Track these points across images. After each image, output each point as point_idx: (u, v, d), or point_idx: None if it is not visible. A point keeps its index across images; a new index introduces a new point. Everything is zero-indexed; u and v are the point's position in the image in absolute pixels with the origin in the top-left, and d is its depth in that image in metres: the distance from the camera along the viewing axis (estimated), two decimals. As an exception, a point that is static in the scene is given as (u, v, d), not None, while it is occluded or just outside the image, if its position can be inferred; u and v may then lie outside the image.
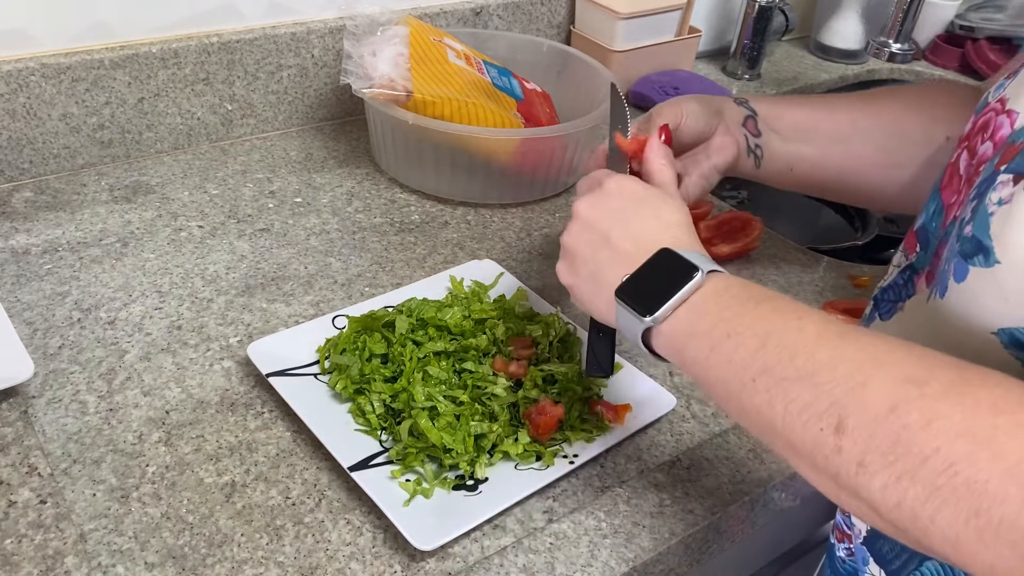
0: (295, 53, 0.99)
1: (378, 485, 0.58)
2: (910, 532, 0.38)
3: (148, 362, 0.68)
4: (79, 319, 0.72)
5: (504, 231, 0.90)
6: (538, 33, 1.19)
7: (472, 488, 0.59)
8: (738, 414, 0.47)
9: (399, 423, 0.61)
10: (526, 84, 1.01)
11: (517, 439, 0.62)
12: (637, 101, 1.20)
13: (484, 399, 0.63)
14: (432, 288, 0.76)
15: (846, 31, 1.44)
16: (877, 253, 1.12)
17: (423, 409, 0.61)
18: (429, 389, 0.62)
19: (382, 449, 0.61)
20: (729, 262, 0.88)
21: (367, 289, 0.79)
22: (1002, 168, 0.45)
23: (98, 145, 0.91)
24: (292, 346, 0.68)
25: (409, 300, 0.72)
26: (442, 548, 0.56)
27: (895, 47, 1.45)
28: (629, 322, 0.53)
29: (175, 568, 0.53)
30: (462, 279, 0.78)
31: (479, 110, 0.89)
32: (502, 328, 0.69)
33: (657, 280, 0.52)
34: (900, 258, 0.60)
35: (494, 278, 0.78)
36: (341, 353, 0.66)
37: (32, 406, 0.63)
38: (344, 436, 0.62)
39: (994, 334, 0.44)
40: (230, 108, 0.98)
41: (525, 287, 0.77)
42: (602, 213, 0.58)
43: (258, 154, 0.98)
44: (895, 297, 0.59)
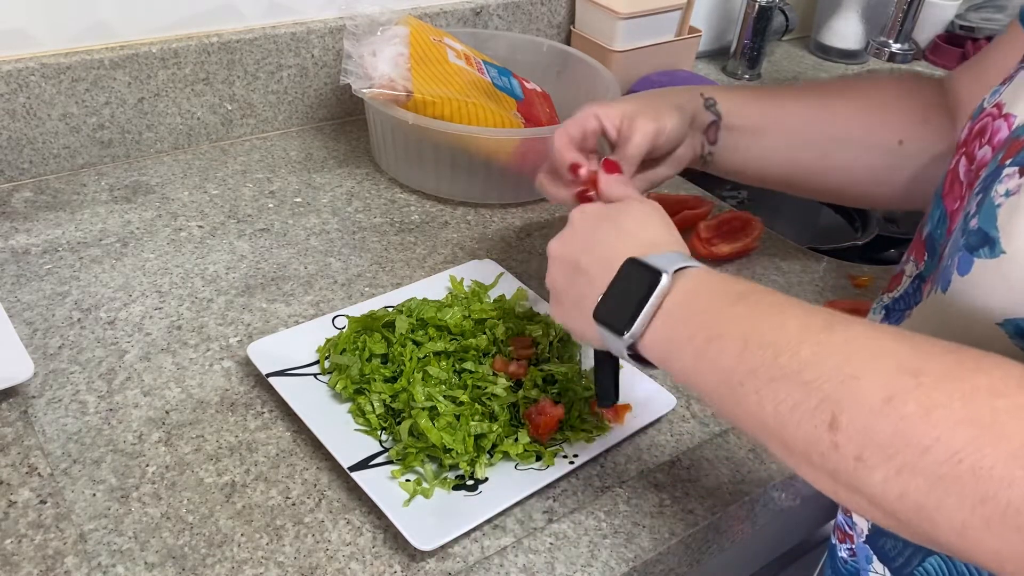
0: (295, 53, 0.99)
1: (378, 485, 0.58)
2: (913, 524, 0.38)
3: (148, 362, 0.68)
4: (79, 319, 0.72)
5: (504, 231, 0.90)
6: (538, 33, 1.19)
7: (472, 488, 0.59)
8: (732, 418, 0.46)
9: (399, 423, 0.61)
10: (526, 84, 1.01)
11: (517, 439, 0.62)
12: (637, 101, 1.20)
13: (484, 399, 0.63)
14: (432, 288, 0.76)
15: (846, 31, 1.44)
16: (877, 253, 1.12)
17: (423, 409, 0.61)
18: (429, 389, 0.62)
19: (382, 449, 0.61)
20: (729, 262, 0.88)
21: (367, 289, 0.79)
22: (1007, 162, 0.45)
23: (98, 145, 0.91)
24: (292, 346, 0.68)
25: (409, 300, 0.72)
26: (442, 548, 0.56)
27: (895, 47, 1.45)
28: (612, 342, 0.52)
29: (175, 568, 0.53)
30: (462, 279, 0.78)
31: (479, 110, 0.89)
32: (502, 328, 0.69)
33: (626, 294, 0.51)
34: (911, 268, 0.60)
35: (494, 278, 0.78)
36: (341, 353, 0.66)
37: (32, 406, 0.63)
38: (344, 436, 0.62)
39: (1000, 325, 0.44)
40: (230, 108, 0.98)
41: (525, 287, 0.77)
42: (570, 245, 0.58)
43: (258, 154, 0.98)
44: (904, 306, 0.59)
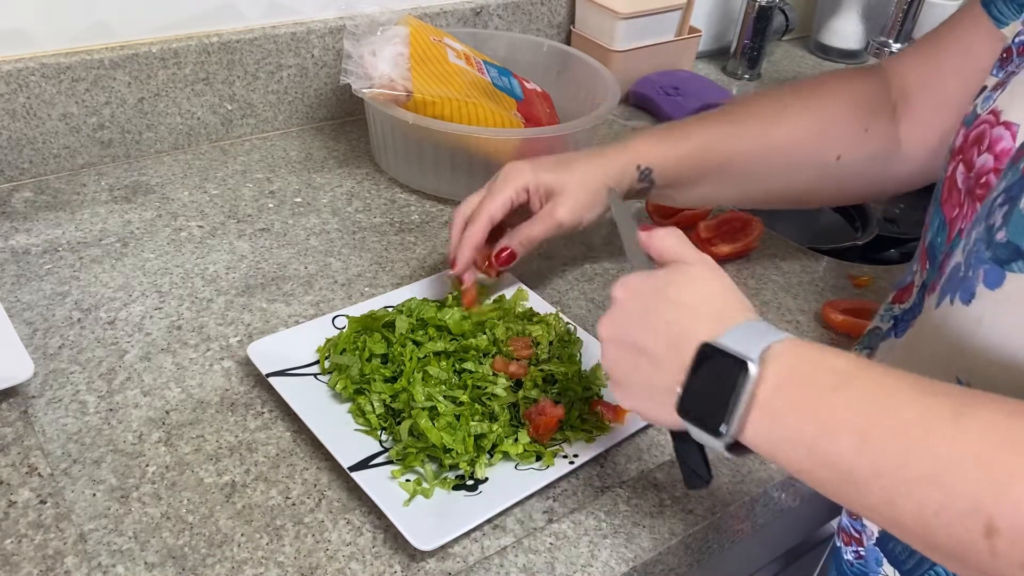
0: (295, 53, 0.99)
1: (378, 485, 0.58)
2: None
3: (148, 362, 0.68)
4: (79, 319, 0.72)
5: (504, 231, 0.90)
6: (538, 33, 1.19)
7: (472, 488, 0.59)
8: (860, 513, 0.43)
9: (399, 423, 0.61)
10: (526, 84, 1.01)
11: (517, 439, 0.62)
12: (637, 101, 1.20)
13: (484, 399, 0.63)
14: (432, 288, 0.76)
15: (846, 31, 1.44)
16: (877, 253, 1.12)
17: (423, 409, 0.61)
18: (429, 389, 0.62)
19: (382, 449, 0.61)
20: (729, 262, 0.88)
21: (367, 289, 0.79)
22: None
23: (98, 145, 0.91)
24: (292, 346, 0.68)
25: (409, 300, 0.72)
26: (442, 548, 0.56)
27: (895, 47, 1.45)
28: (706, 439, 0.48)
29: (175, 568, 0.53)
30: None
31: (479, 110, 0.89)
32: (502, 328, 0.69)
33: (712, 388, 0.46)
34: (918, 278, 0.60)
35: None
36: (341, 353, 0.66)
37: (32, 406, 0.63)
38: (344, 436, 0.62)
39: None
40: (230, 108, 0.98)
41: (525, 287, 0.77)
42: (624, 327, 0.52)
43: (258, 154, 0.98)
44: (911, 316, 0.59)
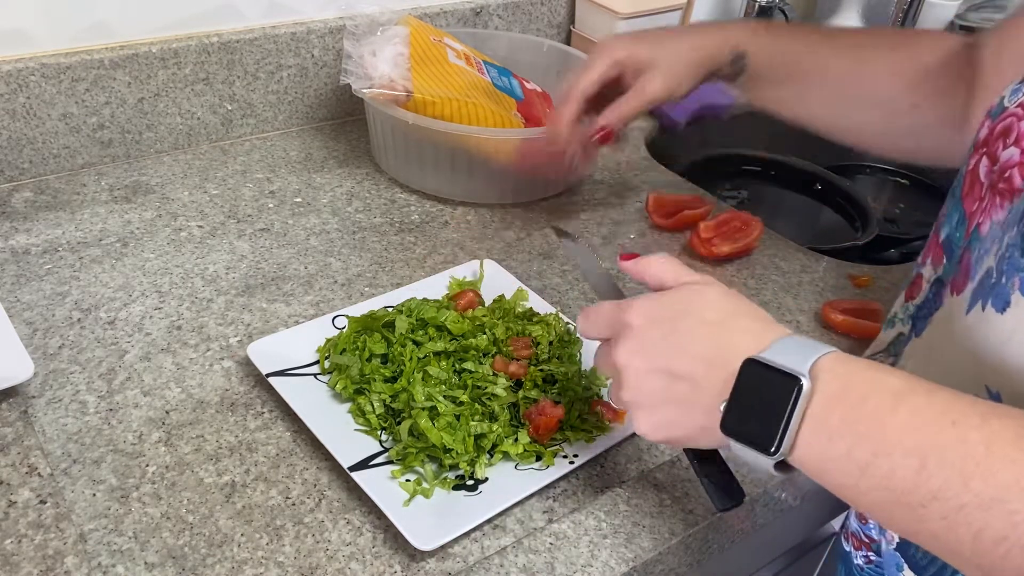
0: (295, 53, 0.99)
1: (378, 485, 0.58)
2: None
3: (148, 362, 0.68)
4: (79, 319, 0.72)
5: (504, 231, 0.90)
6: (538, 33, 1.19)
7: (472, 488, 0.59)
8: (910, 537, 0.42)
9: (399, 423, 0.61)
10: (526, 84, 1.01)
11: (517, 439, 0.62)
12: (637, 101, 1.20)
13: (484, 399, 0.63)
14: (432, 288, 0.76)
15: (846, 31, 1.44)
16: (877, 253, 1.12)
17: (423, 409, 0.61)
18: (429, 389, 0.62)
19: (382, 449, 0.61)
20: (729, 262, 0.88)
21: (367, 289, 0.79)
22: None
23: (98, 145, 0.91)
24: (292, 346, 0.68)
25: (409, 300, 0.72)
26: (442, 548, 0.56)
27: (895, 47, 1.45)
28: (754, 458, 0.46)
29: (175, 568, 0.53)
30: (463, 278, 0.78)
31: (479, 110, 0.89)
32: (502, 328, 0.69)
33: (759, 404, 0.44)
34: (929, 271, 0.59)
35: (494, 276, 0.78)
36: (341, 353, 0.66)
37: (32, 406, 0.63)
38: (344, 436, 0.62)
39: None
40: (230, 108, 0.98)
41: (525, 287, 0.77)
42: (648, 353, 0.50)
43: (258, 154, 0.98)
44: (927, 312, 0.58)
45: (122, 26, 0.89)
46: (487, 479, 0.60)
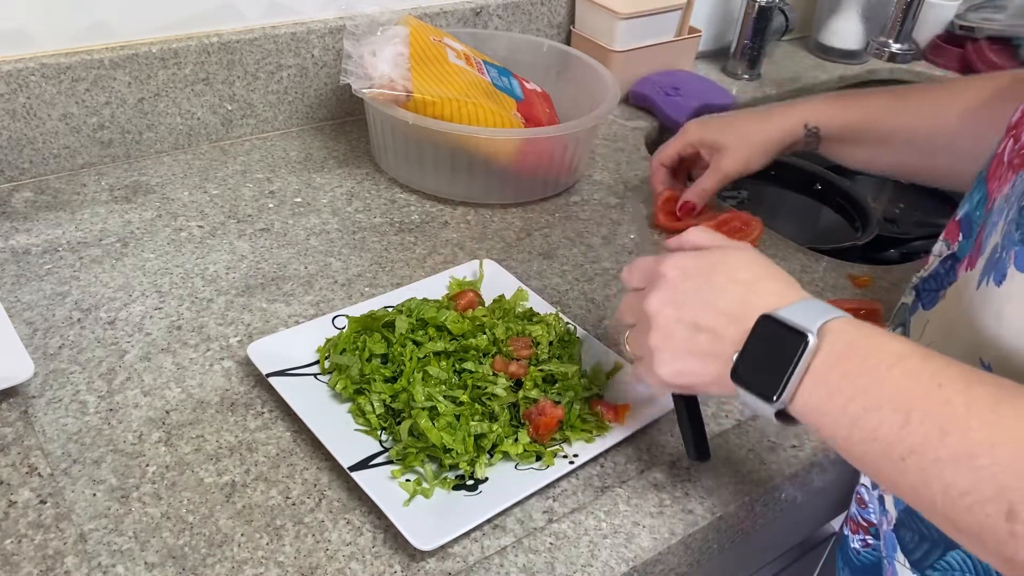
0: (295, 53, 0.99)
1: (378, 485, 0.58)
2: None
3: (148, 362, 0.68)
4: (79, 319, 0.72)
5: (504, 231, 0.90)
6: (538, 33, 1.19)
7: (472, 488, 0.59)
8: (890, 488, 0.45)
9: (399, 423, 0.61)
10: (526, 84, 1.01)
11: (517, 439, 0.62)
12: (637, 102, 1.20)
13: (484, 399, 0.63)
14: (432, 288, 0.76)
15: (846, 31, 1.44)
16: (877, 253, 1.12)
17: (423, 409, 0.61)
18: (429, 389, 0.62)
19: (382, 449, 0.61)
20: (729, 262, 0.88)
21: (367, 289, 0.79)
22: None
23: (98, 145, 0.91)
24: (292, 346, 0.68)
25: (409, 300, 0.72)
26: (442, 548, 0.56)
27: (895, 47, 1.45)
28: (756, 405, 0.49)
29: (175, 568, 0.53)
30: (463, 278, 0.78)
31: (479, 110, 0.89)
32: (502, 328, 0.69)
33: (768, 356, 0.48)
34: (941, 247, 0.60)
35: (494, 276, 0.78)
36: (341, 353, 0.66)
37: (32, 406, 0.63)
38: (344, 436, 0.62)
39: None
40: (230, 108, 0.98)
41: (525, 287, 0.77)
42: (678, 303, 0.53)
43: (258, 154, 0.98)
44: (937, 286, 0.59)
45: (122, 26, 0.89)
46: (487, 479, 0.60)
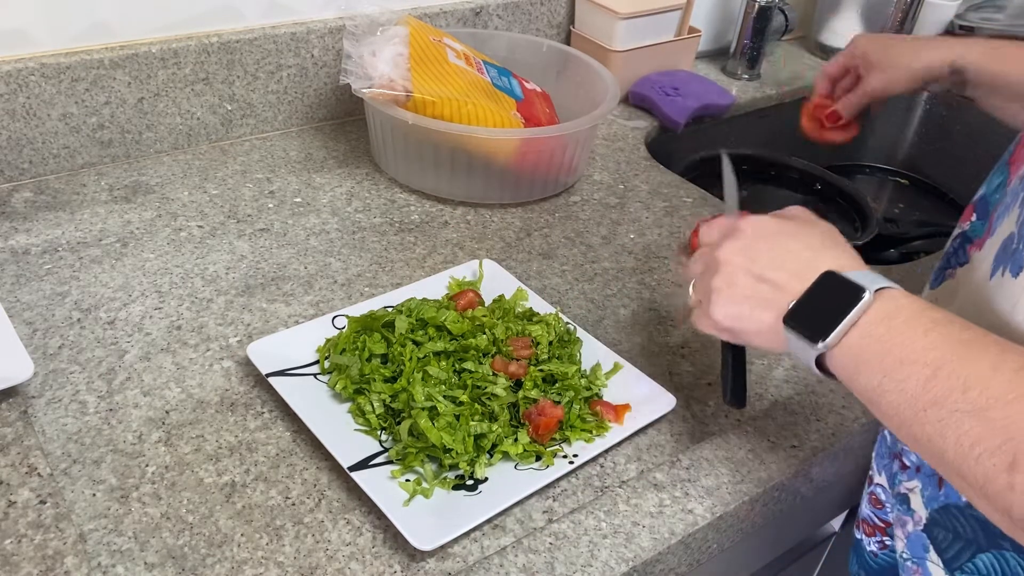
0: (295, 53, 0.99)
1: (378, 485, 0.58)
2: None
3: (148, 362, 0.68)
4: (79, 319, 0.72)
5: (504, 231, 0.90)
6: (538, 33, 1.19)
7: (472, 488, 0.59)
8: (909, 441, 0.46)
9: (399, 423, 0.61)
10: (526, 84, 1.01)
11: (517, 439, 0.62)
12: (637, 102, 1.20)
13: (484, 399, 0.63)
14: (432, 288, 0.76)
15: (846, 31, 1.44)
16: (877, 253, 1.12)
17: (423, 409, 0.61)
18: (429, 389, 0.62)
19: (382, 449, 0.61)
20: (729, 262, 0.88)
21: (367, 289, 0.79)
22: None
23: (98, 145, 0.91)
24: (292, 346, 0.68)
25: (409, 300, 0.72)
26: (442, 548, 0.56)
27: (895, 47, 1.45)
28: (801, 349, 0.51)
29: (175, 568, 0.53)
30: (463, 278, 0.78)
31: (479, 110, 0.89)
32: (502, 328, 0.69)
33: (824, 304, 0.50)
34: (955, 230, 0.60)
35: (493, 276, 0.78)
36: (341, 353, 0.66)
37: (32, 406, 0.63)
38: (344, 436, 0.62)
39: None
40: (230, 108, 0.98)
41: (525, 287, 0.77)
42: (751, 256, 0.55)
43: (258, 154, 0.98)
44: (945, 264, 0.60)
45: (122, 26, 0.89)
46: (487, 479, 0.60)
